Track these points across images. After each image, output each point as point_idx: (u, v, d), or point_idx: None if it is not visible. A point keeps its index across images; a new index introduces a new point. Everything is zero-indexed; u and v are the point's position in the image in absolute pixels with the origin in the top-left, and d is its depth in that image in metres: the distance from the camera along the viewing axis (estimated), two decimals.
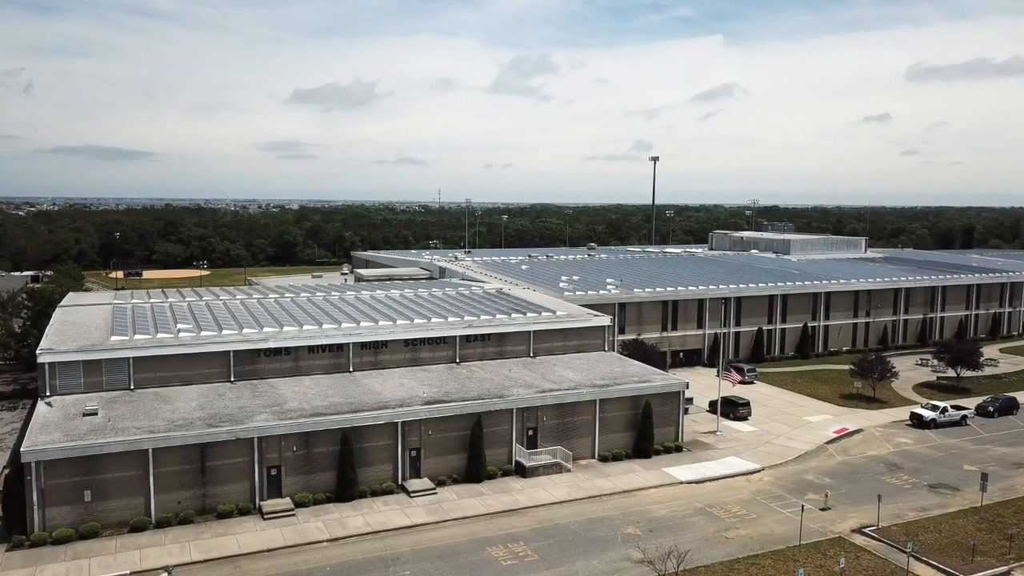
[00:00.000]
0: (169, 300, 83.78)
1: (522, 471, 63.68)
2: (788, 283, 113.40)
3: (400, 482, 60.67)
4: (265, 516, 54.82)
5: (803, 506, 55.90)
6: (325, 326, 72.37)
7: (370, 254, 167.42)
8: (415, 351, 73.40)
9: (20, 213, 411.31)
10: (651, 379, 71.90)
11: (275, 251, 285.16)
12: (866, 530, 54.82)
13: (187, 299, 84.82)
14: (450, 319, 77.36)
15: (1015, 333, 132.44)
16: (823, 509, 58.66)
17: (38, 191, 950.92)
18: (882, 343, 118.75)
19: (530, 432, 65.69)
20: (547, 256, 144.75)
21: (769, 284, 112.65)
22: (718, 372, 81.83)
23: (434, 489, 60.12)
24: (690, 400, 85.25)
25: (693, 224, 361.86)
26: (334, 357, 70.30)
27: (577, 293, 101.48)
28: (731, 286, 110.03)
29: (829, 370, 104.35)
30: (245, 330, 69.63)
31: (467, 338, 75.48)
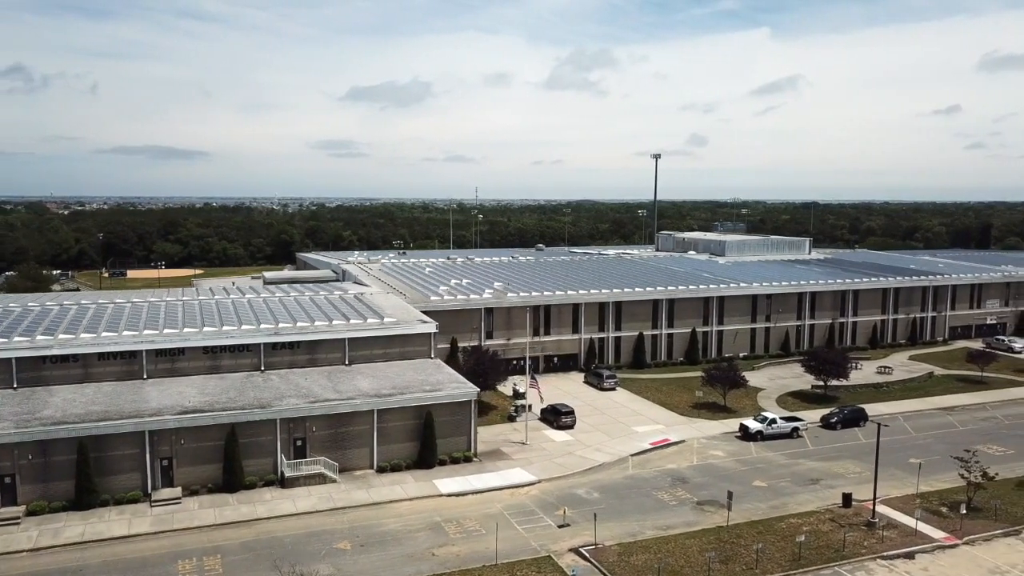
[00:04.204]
0: (9, 305, 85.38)
1: (284, 482, 63.38)
2: (674, 287, 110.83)
3: (149, 491, 60.84)
4: None
5: (497, 524, 54.65)
6: (125, 333, 72.90)
7: (310, 255, 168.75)
8: (216, 358, 73.40)
9: (64, 212, 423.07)
10: (441, 388, 70.89)
11: (272, 250, 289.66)
12: (582, 549, 53.28)
13: (29, 304, 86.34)
14: (263, 326, 77.37)
15: (940, 339, 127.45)
16: (561, 526, 57.16)
17: (96, 190, 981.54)
18: (784, 349, 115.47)
19: (298, 442, 65.32)
20: (468, 259, 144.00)
21: (658, 288, 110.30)
22: (527, 381, 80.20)
23: (179, 499, 60.16)
24: (528, 407, 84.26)
25: (701, 221, 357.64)
26: (127, 364, 70.66)
27: (446, 298, 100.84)
28: (614, 290, 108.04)
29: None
30: (38, 336, 70.59)
31: (274, 345, 75.26)
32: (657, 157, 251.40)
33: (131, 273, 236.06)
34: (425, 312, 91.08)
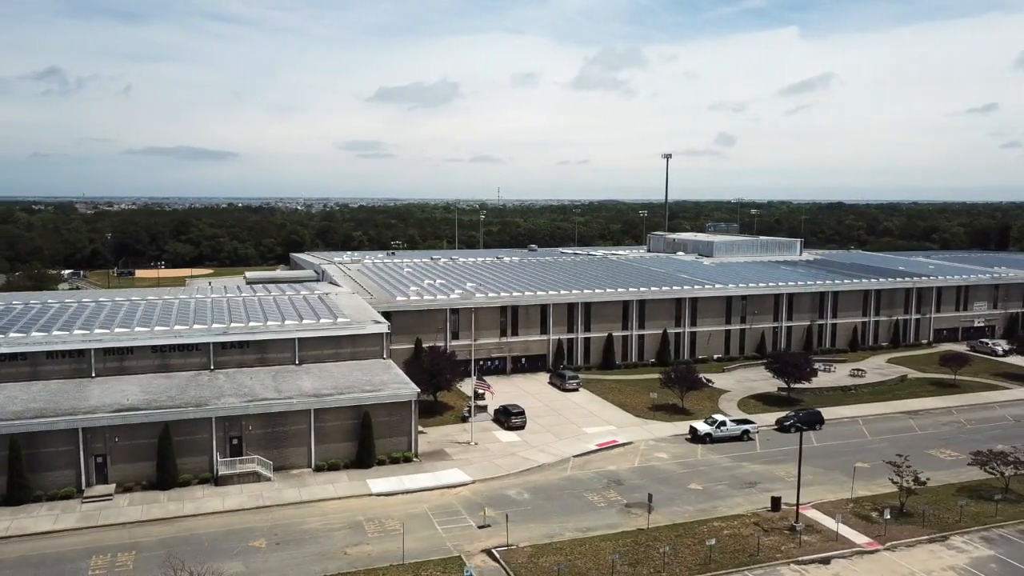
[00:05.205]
0: None
1: (218, 480, 64.06)
2: (645, 288, 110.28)
3: (83, 488, 61.81)
4: None
5: (412, 524, 54.83)
6: (75, 332, 74.12)
7: (301, 256, 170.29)
8: (165, 358, 74.30)
9: (91, 213, 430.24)
10: (381, 388, 71.22)
11: (283, 250, 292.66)
12: (495, 550, 53.29)
13: None
14: (213, 326, 78.21)
15: (924, 341, 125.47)
16: (481, 527, 57.16)
17: (127, 191, 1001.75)
18: (760, 351, 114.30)
19: (234, 441, 65.98)
20: (451, 259, 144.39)
21: (630, 289, 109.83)
22: (475, 382, 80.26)
23: (110, 495, 61.03)
24: (484, 408, 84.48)
25: (716, 221, 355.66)
26: (75, 363, 71.79)
27: (412, 299, 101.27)
28: (584, 291, 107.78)
29: None
30: None
31: (223, 345, 76.02)
32: (668, 157, 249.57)
33: (139, 273, 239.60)
34: (390, 312, 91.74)
